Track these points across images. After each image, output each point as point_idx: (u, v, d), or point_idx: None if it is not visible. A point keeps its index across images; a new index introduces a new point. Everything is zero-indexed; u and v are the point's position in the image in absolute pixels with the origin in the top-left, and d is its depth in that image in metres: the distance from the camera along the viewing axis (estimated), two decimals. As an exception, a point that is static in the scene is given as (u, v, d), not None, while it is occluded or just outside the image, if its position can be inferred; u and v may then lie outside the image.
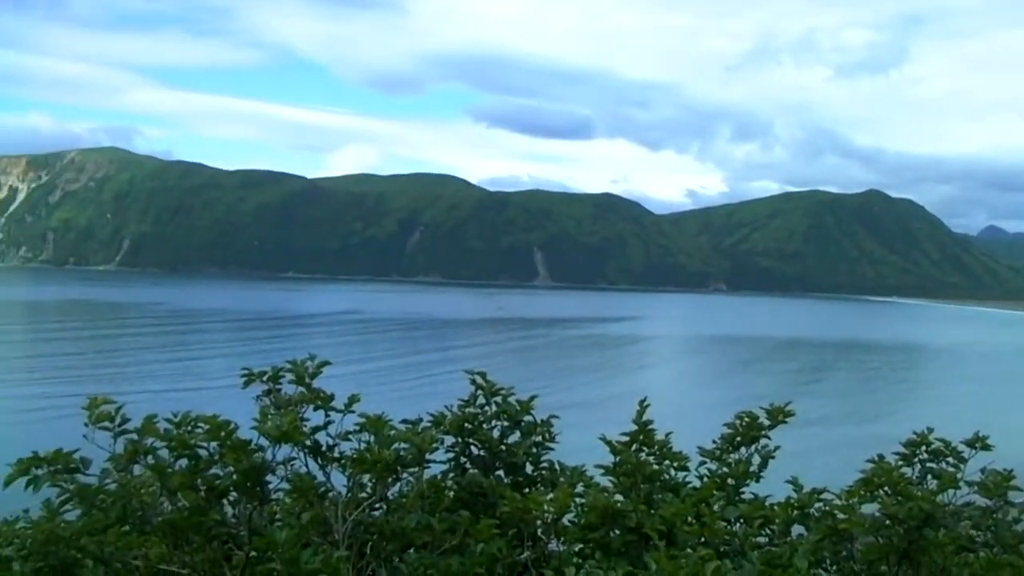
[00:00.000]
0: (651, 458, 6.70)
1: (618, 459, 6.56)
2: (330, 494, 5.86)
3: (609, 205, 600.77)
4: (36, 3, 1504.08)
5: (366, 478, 5.96)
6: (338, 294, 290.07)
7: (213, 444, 5.64)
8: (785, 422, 7.01)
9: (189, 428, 5.67)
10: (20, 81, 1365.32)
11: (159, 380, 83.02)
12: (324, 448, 5.94)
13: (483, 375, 6.75)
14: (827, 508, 6.28)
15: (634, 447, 6.71)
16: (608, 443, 6.71)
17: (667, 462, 6.74)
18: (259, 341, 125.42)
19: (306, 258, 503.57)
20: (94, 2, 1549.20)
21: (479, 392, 6.74)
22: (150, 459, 5.64)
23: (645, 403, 6.81)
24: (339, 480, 5.96)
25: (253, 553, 5.55)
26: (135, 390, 70.78)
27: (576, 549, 5.93)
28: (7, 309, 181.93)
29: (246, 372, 6.22)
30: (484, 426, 6.67)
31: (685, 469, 6.79)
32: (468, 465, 6.63)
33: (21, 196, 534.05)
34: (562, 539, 5.95)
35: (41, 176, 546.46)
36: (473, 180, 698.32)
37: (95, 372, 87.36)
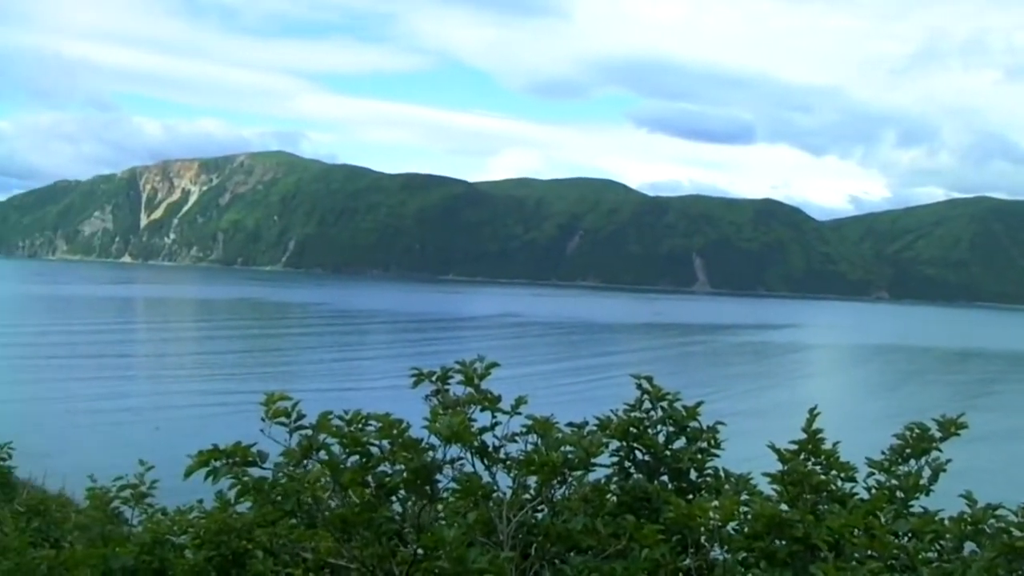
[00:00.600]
0: (817, 467, 6.58)
1: (786, 467, 6.45)
2: (494, 495, 5.92)
3: (770, 211, 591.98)
4: (210, 15, 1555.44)
5: (531, 480, 5.99)
6: (497, 297, 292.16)
7: (384, 442, 5.75)
8: (957, 434, 6.79)
9: (360, 426, 5.79)
10: (195, 89, 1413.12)
11: (325, 378, 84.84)
12: (490, 449, 5.99)
13: (649, 379, 6.71)
14: (1002, 525, 6.06)
15: (802, 456, 6.59)
16: (776, 451, 6.59)
17: (834, 472, 6.61)
18: (420, 343, 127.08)
19: (466, 261, 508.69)
20: (264, 12, 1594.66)
21: (645, 396, 6.68)
22: (323, 455, 5.78)
23: (815, 411, 6.68)
24: (503, 481, 6.00)
25: (419, 550, 5.64)
26: (302, 388, 72.29)
27: (740, 558, 5.86)
28: (182, 307, 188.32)
29: (415, 372, 6.30)
30: (649, 431, 6.63)
31: (852, 480, 6.63)
32: (632, 470, 6.60)
33: (193, 198, 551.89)
34: (726, 547, 5.88)
35: (212, 179, 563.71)
36: (633, 185, 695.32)
37: (264, 369, 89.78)
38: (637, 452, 6.62)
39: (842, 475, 6.57)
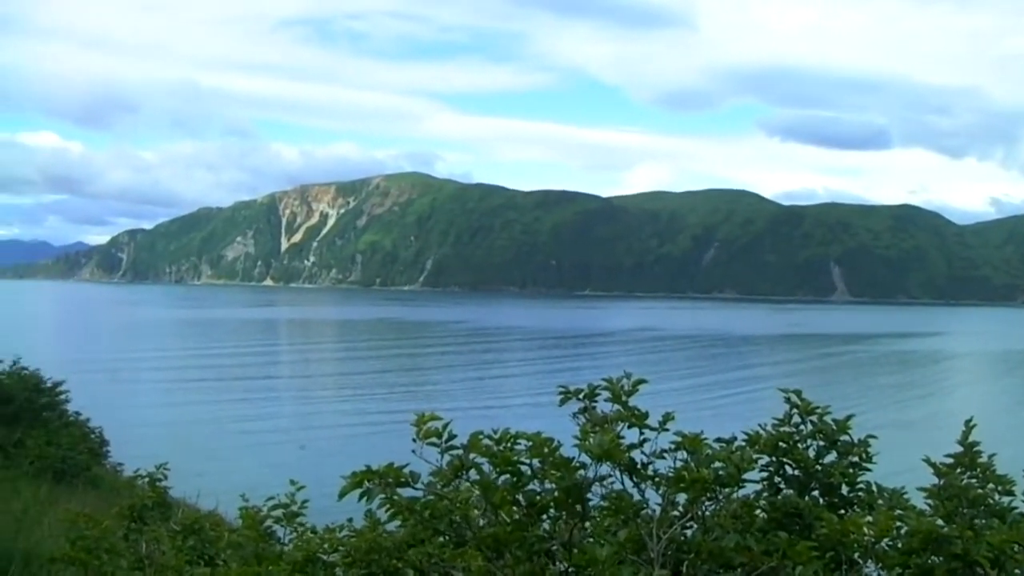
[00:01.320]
0: (974, 481, 6.41)
1: (942, 481, 6.30)
2: (644, 512, 5.89)
3: (908, 216, 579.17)
4: (339, 40, 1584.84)
5: (680, 497, 5.95)
6: (634, 311, 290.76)
7: (535, 461, 5.77)
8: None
9: (510, 445, 5.83)
10: (329, 113, 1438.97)
11: (467, 396, 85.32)
12: (639, 466, 5.97)
13: (798, 393, 6.62)
14: None
15: (958, 469, 6.42)
16: (932, 464, 6.45)
17: (991, 486, 6.42)
18: (560, 359, 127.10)
19: (602, 276, 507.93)
20: (393, 35, 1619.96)
21: (794, 411, 6.59)
22: (474, 474, 5.83)
23: (971, 423, 6.50)
24: (652, 498, 5.96)
25: (571, 569, 5.64)
26: (444, 407, 71.99)
27: (896, 575, 5.75)
28: (324, 328, 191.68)
29: (563, 390, 6.29)
30: (799, 445, 6.53)
31: (1011, 494, 6.44)
32: (782, 485, 6.51)
33: (331, 221, 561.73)
34: (881, 564, 5.76)
35: (349, 202, 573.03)
36: (767, 194, 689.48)
37: (405, 389, 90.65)
38: (787, 467, 6.51)
39: (1000, 489, 6.38)
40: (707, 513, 5.98)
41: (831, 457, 6.54)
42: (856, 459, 6.55)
